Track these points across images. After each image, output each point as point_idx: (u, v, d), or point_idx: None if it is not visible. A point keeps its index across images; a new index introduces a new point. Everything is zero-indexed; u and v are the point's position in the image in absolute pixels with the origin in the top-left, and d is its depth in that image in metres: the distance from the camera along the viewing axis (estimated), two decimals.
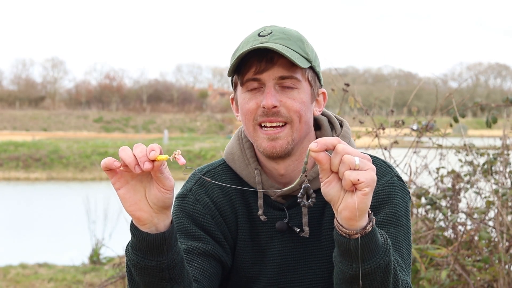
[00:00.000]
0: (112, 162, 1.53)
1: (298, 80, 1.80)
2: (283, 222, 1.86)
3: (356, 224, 1.48)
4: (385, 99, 9.21)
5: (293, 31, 1.85)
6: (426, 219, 4.24)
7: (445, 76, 56.54)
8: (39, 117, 51.41)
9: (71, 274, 8.55)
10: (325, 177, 1.48)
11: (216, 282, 1.84)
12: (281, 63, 1.78)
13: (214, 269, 1.83)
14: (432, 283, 3.81)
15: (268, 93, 1.78)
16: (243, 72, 1.81)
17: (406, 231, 1.80)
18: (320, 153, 1.45)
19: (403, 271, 1.71)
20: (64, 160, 28.01)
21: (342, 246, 1.52)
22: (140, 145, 1.54)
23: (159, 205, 1.57)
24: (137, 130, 49.28)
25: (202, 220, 1.87)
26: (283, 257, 1.88)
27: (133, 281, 1.67)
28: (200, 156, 27.90)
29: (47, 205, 17.67)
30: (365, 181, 1.43)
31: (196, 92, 66.31)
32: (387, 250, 1.55)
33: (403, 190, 1.86)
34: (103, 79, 66.13)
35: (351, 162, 1.43)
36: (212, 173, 1.95)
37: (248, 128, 1.84)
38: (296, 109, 1.79)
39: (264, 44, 1.77)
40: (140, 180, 1.58)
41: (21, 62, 66.12)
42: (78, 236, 11.43)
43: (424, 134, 4.46)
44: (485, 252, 4.08)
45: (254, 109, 1.80)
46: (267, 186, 1.88)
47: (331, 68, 4.93)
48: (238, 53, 1.81)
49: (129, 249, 1.63)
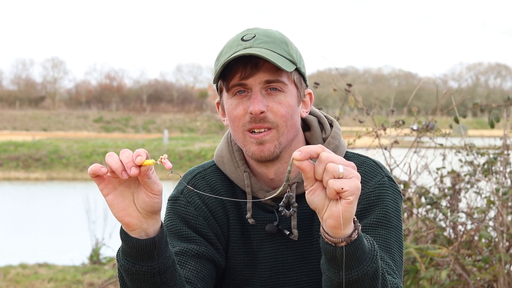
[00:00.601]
0: (99, 168, 1.53)
1: (284, 84, 1.79)
2: (273, 225, 1.87)
3: (341, 232, 1.48)
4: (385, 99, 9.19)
5: (276, 33, 1.83)
6: (426, 219, 4.23)
7: (445, 76, 56.54)
8: (39, 117, 51.40)
9: (71, 274, 8.54)
10: (309, 185, 1.47)
11: (211, 284, 1.84)
12: (266, 68, 1.77)
13: (208, 271, 1.83)
14: (432, 283, 3.81)
15: (254, 98, 1.77)
16: (229, 78, 1.80)
17: (397, 233, 1.80)
18: (303, 161, 1.44)
19: (393, 273, 1.70)
20: (64, 160, 28.01)
21: (328, 254, 1.52)
22: (126, 150, 1.53)
23: (148, 210, 1.57)
24: (137, 130, 49.27)
25: (195, 222, 1.87)
26: (275, 259, 1.88)
27: (125, 286, 1.67)
28: (200, 156, 27.88)
29: (47, 205, 17.66)
30: (349, 190, 1.42)
31: (196, 92, 66.29)
32: (374, 256, 1.54)
33: (394, 190, 1.86)
34: (103, 79, 66.16)
35: (335, 171, 1.42)
36: (203, 175, 1.95)
37: (236, 134, 1.84)
38: (283, 113, 1.79)
39: (248, 49, 1.76)
40: (128, 186, 1.58)
41: (21, 62, 66.07)
42: (78, 236, 11.43)
43: (424, 134, 4.46)
44: (485, 252, 4.08)
45: (242, 115, 1.80)
46: (257, 189, 1.89)
47: (331, 68, 4.92)
48: (222, 58, 1.80)
49: (120, 255, 1.64)
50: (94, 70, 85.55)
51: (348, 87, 4.27)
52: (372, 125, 4.40)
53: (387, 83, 62.94)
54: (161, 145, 30.28)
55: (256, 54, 1.73)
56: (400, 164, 4.43)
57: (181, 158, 27.89)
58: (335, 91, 4.32)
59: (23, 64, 65.88)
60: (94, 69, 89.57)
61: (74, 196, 18.07)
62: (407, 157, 4.48)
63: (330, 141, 1.91)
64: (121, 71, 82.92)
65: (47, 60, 66.93)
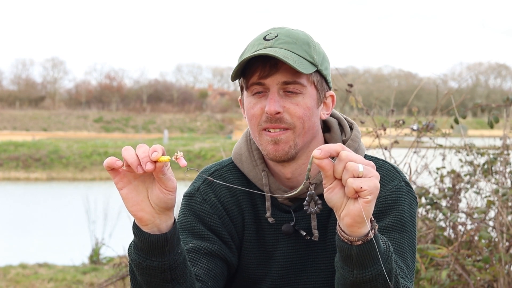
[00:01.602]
0: (115, 161, 1.54)
1: (303, 85, 1.79)
2: (289, 225, 1.87)
3: (358, 231, 1.48)
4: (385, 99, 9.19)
5: (300, 34, 1.83)
6: (426, 219, 4.24)
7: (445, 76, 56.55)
8: (39, 117, 51.41)
9: (71, 274, 8.54)
10: (328, 183, 1.48)
11: (221, 282, 1.84)
12: (285, 68, 1.77)
13: (219, 269, 1.83)
14: (432, 283, 3.81)
15: (271, 99, 1.78)
16: (248, 76, 1.81)
17: (411, 238, 1.80)
18: (323, 160, 1.45)
19: (405, 278, 1.71)
20: (64, 160, 28.02)
21: (343, 252, 1.52)
22: (143, 145, 1.54)
23: (161, 206, 1.58)
24: (137, 130, 49.28)
25: (209, 220, 1.87)
26: (288, 259, 1.88)
27: (136, 280, 1.68)
28: (200, 156, 27.90)
29: (47, 205, 17.67)
30: (368, 189, 1.43)
31: (196, 92, 66.33)
32: (389, 257, 1.55)
33: (410, 196, 1.85)
34: (103, 79, 66.19)
35: (355, 170, 1.43)
36: (220, 173, 1.95)
37: (253, 132, 1.84)
38: (299, 115, 1.79)
39: (268, 48, 1.77)
40: (143, 181, 1.58)
41: (21, 62, 66.12)
42: (78, 236, 11.44)
43: (424, 134, 4.46)
44: (485, 252, 4.08)
45: (259, 115, 1.80)
46: (274, 188, 1.88)
47: (331, 68, 4.92)
48: (243, 56, 1.81)
49: (132, 249, 1.64)
50: (94, 70, 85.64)
51: (349, 87, 4.27)
52: (372, 125, 4.40)
53: (387, 83, 62.94)
54: (160, 145, 30.19)
55: (272, 54, 1.73)
56: (400, 164, 4.43)
57: None
58: (335, 91, 4.32)
59: (23, 64, 65.96)
60: (94, 69, 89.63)
61: (74, 196, 18.07)
62: (407, 157, 4.48)
63: (350, 144, 1.92)
64: (121, 71, 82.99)
65: (47, 60, 67.03)
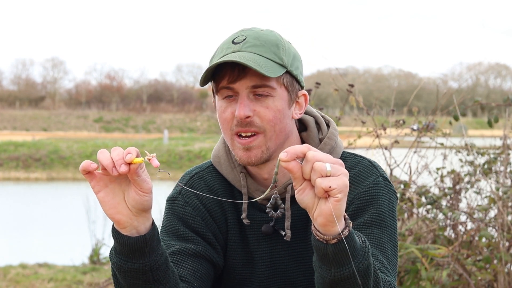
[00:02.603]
0: (89, 164, 1.56)
1: (272, 88, 1.79)
2: (268, 226, 1.87)
3: (332, 229, 1.48)
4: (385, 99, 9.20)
5: (269, 35, 1.82)
6: (426, 219, 4.23)
7: (445, 76, 56.54)
8: (39, 117, 51.42)
9: (71, 274, 8.54)
10: (298, 185, 1.47)
11: (208, 283, 1.85)
12: (253, 73, 1.77)
13: (205, 270, 1.84)
14: (432, 283, 3.81)
15: (241, 103, 1.78)
16: (218, 81, 1.81)
17: (391, 232, 1.80)
18: (290, 162, 1.45)
19: (387, 272, 1.71)
20: (64, 160, 28.02)
21: (320, 251, 1.52)
22: (117, 148, 1.55)
23: (138, 207, 1.59)
24: (137, 130, 49.28)
25: (192, 222, 1.89)
26: (271, 259, 1.89)
27: (119, 284, 1.69)
28: (200, 156, 27.90)
29: (47, 205, 17.67)
30: (337, 188, 1.43)
31: (196, 92, 66.28)
32: (365, 253, 1.54)
33: (388, 190, 1.85)
34: (103, 79, 66.18)
35: (322, 169, 1.43)
36: (201, 175, 1.96)
37: (226, 137, 1.85)
38: (270, 118, 1.79)
39: (236, 53, 1.77)
40: (119, 184, 1.60)
41: (21, 62, 66.05)
42: (78, 236, 11.43)
43: (424, 134, 4.46)
44: (486, 252, 4.07)
45: (230, 119, 1.81)
46: (253, 189, 1.89)
47: (331, 68, 4.93)
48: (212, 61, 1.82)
49: (113, 253, 1.66)
50: (94, 70, 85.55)
51: (350, 87, 4.27)
52: (372, 125, 4.40)
53: (387, 83, 62.94)
54: (161, 145, 30.29)
55: (237, 61, 1.73)
56: (401, 164, 4.43)
57: (181, 158, 27.91)
58: (336, 91, 4.32)
59: (23, 64, 65.92)
60: (94, 69, 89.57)
61: (74, 196, 18.05)
62: (407, 157, 4.48)
63: (327, 142, 1.91)
64: (121, 71, 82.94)
65: (47, 60, 66.99)
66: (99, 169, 1.58)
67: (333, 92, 4.33)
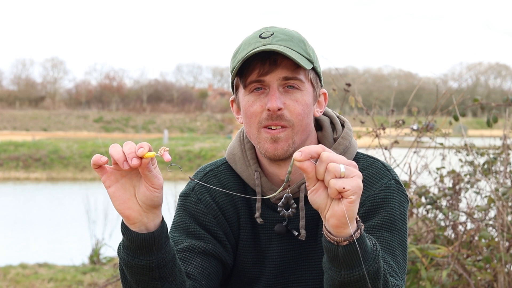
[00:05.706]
0: (99, 158, 1.56)
1: (302, 82, 1.80)
2: (281, 225, 1.87)
3: (344, 231, 1.48)
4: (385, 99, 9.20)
5: (293, 32, 1.84)
6: (426, 219, 4.23)
7: (445, 76, 56.52)
8: (39, 117, 51.38)
9: (71, 274, 8.53)
10: (311, 185, 1.47)
11: (216, 282, 1.84)
12: (285, 65, 1.77)
13: (213, 268, 1.84)
14: (432, 283, 3.80)
15: (272, 95, 1.77)
16: (246, 75, 1.80)
17: (401, 236, 1.79)
18: (304, 162, 1.44)
19: (395, 276, 1.70)
20: (64, 160, 28.00)
21: (330, 253, 1.52)
22: (129, 142, 1.56)
23: (148, 203, 1.59)
24: (137, 130, 49.25)
25: (204, 220, 1.88)
26: (282, 258, 1.88)
27: (126, 279, 1.69)
28: (200, 156, 27.90)
29: (47, 205, 17.65)
30: (351, 189, 1.42)
31: (196, 92, 66.29)
32: (376, 256, 1.54)
33: (400, 194, 1.85)
34: (103, 79, 66.15)
35: (336, 170, 1.42)
36: (215, 172, 1.96)
37: (251, 130, 1.84)
38: (298, 112, 1.79)
39: (267, 46, 1.76)
40: (130, 179, 1.59)
41: (21, 62, 66.05)
42: (78, 236, 11.44)
43: (424, 134, 4.46)
44: (486, 252, 4.07)
45: (259, 112, 1.80)
46: (267, 188, 1.89)
47: (331, 68, 4.93)
48: (239, 55, 1.80)
49: (121, 249, 1.66)
50: (94, 70, 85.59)
51: (347, 86, 4.26)
52: (372, 125, 4.40)
53: (387, 83, 62.92)
54: (161, 145, 30.24)
55: (277, 50, 1.73)
56: (400, 164, 4.43)
57: (181, 158, 27.90)
58: (335, 91, 4.32)
59: (23, 64, 65.91)
60: (94, 69, 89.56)
61: (74, 196, 18.07)
62: (407, 157, 4.48)
63: (341, 142, 1.91)
64: (121, 71, 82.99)
65: (47, 60, 66.97)
66: (111, 164, 1.57)
67: (332, 93, 4.33)
